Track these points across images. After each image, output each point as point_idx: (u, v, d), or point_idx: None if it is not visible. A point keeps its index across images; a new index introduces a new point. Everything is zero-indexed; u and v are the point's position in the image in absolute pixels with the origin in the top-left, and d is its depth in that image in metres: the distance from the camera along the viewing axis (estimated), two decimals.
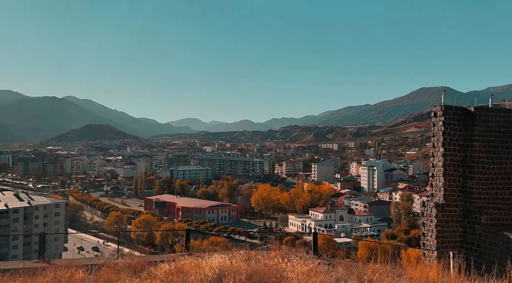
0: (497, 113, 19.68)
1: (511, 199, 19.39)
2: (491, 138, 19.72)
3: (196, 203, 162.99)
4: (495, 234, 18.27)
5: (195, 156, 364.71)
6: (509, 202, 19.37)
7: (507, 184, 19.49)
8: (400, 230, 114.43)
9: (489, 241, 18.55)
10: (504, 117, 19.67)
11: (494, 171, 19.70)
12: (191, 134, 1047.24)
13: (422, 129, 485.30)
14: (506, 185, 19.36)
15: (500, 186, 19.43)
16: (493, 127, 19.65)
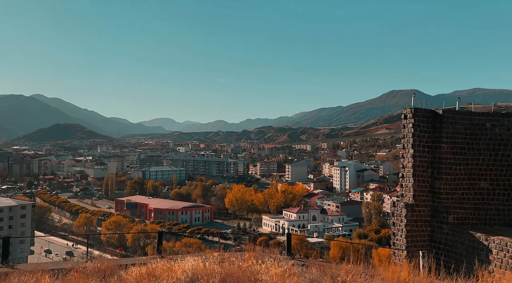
0: (464, 116, 20.38)
1: (476, 199, 20.13)
2: (458, 140, 20.40)
3: (169, 204, 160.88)
4: (461, 233, 18.91)
5: (168, 156, 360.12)
6: (474, 202, 20.09)
7: (473, 184, 20.21)
8: (371, 229, 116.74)
9: (456, 240, 19.19)
10: (470, 119, 20.39)
11: (460, 172, 20.39)
12: (164, 134, 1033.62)
13: (392, 131, 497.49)
14: (471, 185, 20.08)
15: (466, 187, 20.13)
16: (460, 130, 20.35)
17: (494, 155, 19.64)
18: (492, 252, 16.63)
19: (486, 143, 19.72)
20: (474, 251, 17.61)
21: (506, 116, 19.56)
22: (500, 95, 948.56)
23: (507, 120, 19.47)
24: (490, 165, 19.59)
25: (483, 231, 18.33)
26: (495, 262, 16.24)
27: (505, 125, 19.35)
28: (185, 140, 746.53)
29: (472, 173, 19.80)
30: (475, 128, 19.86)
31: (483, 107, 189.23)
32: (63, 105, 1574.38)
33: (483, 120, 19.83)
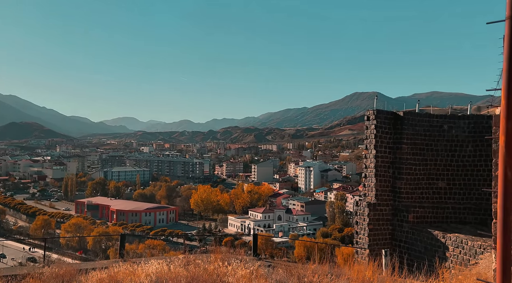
0: (423, 118, 21.18)
1: (435, 198, 20.99)
2: (418, 141, 21.18)
3: (132, 206, 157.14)
4: (421, 231, 19.64)
5: (132, 156, 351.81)
6: (433, 201, 20.94)
7: (431, 184, 21.05)
8: (334, 228, 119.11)
9: (415, 237, 19.91)
10: (429, 121, 21.22)
11: (420, 172, 21.17)
12: (127, 134, 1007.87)
13: (355, 132, 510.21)
14: (430, 185, 20.90)
15: (425, 186, 20.93)
16: (419, 131, 21.14)
17: (451, 155, 20.54)
18: (449, 249, 17.37)
19: (444, 144, 20.60)
20: (433, 248, 18.34)
21: (462, 119, 20.51)
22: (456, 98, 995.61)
23: (463, 122, 20.42)
24: (447, 165, 20.48)
25: (440, 229, 19.13)
26: (451, 259, 16.97)
27: (461, 127, 20.29)
28: (149, 140, 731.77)
29: (430, 173, 20.61)
30: (434, 129, 20.69)
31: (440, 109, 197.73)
32: (19, 102, 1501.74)
33: (441, 122, 20.70)
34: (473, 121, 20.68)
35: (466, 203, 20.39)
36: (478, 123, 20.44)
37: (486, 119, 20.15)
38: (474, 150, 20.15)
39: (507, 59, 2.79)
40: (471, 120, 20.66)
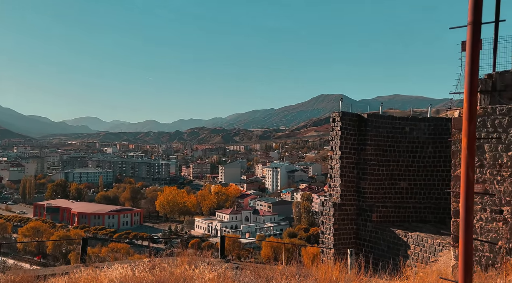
0: (386, 120, 21.82)
1: (397, 198, 21.69)
2: (381, 143, 21.79)
3: (95, 208, 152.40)
4: (384, 230, 20.21)
5: (94, 157, 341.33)
6: (395, 200, 21.63)
7: (394, 184, 21.71)
8: (300, 228, 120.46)
9: (379, 236, 20.46)
10: (391, 123, 21.89)
11: (383, 173, 21.79)
12: (89, 134, 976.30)
13: (321, 133, 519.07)
14: (393, 185, 21.57)
15: (388, 186, 21.56)
16: (383, 133, 21.76)
17: (412, 156, 21.28)
18: (410, 247, 17.97)
19: (405, 146, 21.31)
20: (395, 247, 18.91)
21: (422, 121, 21.32)
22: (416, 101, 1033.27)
23: (423, 124, 21.20)
24: (408, 166, 21.21)
25: (402, 228, 19.76)
26: (412, 256, 17.57)
27: (422, 129, 21.07)
28: (112, 141, 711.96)
29: (393, 174, 21.27)
30: (396, 131, 21.37)
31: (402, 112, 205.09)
32: None
33: (403, 124, 21.41)
34: (433, 123, 21.48)
35: (426, 203, 21.16)
36: (438, 126, 21.25)
37: (445, 122, 21.00)
38: (434, 151, 20.95)
39: (469, 63, 2.90)
40: (431, 123, 21.46)
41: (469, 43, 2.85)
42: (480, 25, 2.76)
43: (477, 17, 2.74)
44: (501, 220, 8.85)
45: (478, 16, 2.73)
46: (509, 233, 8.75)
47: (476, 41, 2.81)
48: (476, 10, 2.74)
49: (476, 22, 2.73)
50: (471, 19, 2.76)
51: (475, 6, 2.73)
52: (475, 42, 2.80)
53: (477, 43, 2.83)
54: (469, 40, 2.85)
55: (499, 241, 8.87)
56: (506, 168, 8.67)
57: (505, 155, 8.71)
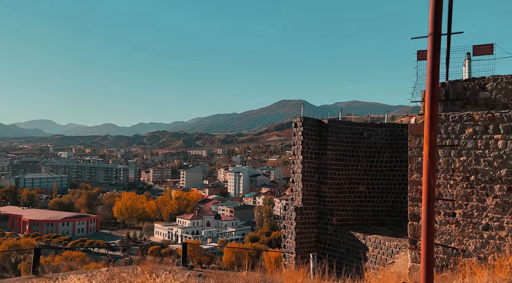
0: (346, 125, 22.37)
1: (356, 201, 22.25)
2: (341, 147, 22.30)
3: (48, 215, 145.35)
4: (343, 233, 20.64)
5: (48, 162, 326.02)
6: (354, 204, 22.18)
7: (353, 188, 22.26)
8: (262, 232, 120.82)
9: (338, 239, 20.87)
10: (350, 129, 22.46)
11: (342, 177, 22.29)
12: (43, 138, 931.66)
13: (283, 138, 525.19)
14: (352, 189, 22.11)
15: (347, 190, 22.06)
16: (342, 138, 22.28)
17: (370, 161, 21.92)
18: (369, 249, 18.45)
19: (364, 151, 21.93)
20: (354, 249, 19.35)
21: (380, 127, 22.04)
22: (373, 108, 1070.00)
23: (381, 130, 21.92)
24: (367, 170, 21.84)
25: (361, 230, 20.26)
26: (371, 259, 18.05)
27: (379, 135, 21.77)
28: (68, 145, 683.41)
29: (352, 178, 21.80)
30: (355, 136, 21.94)
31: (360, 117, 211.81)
32: None
33: (361, 130, 22.02)
34: (389, 129, 22.22)
35: (383, 206, 21.83)
36: (394, 131, 22.02)
37: (401, 128, 21.80)
38: (390, 156, 21.68)
39: (430, 72, 3.00)
40: (388, 128, 22.19)
41: (430, 53, 2.96)
42: (440, 36, 2.87)
43: (437, 28, 2.85)
44: (454, 222, 9.26)
45: (438, 27, 2.84)
46: (461, 235, 9.17)
47: (437, 51, 2.93)
48: (436, 21, 2.85)
49: (436, 33, 2.84)
50: (432, 30, 2.87)
51: (435, 17, 2.84)
52: (435, 52, 2.91)
53: (437, 53, 2.94)
54: (430, 50, 2.95)
55: (452, 243, 9.28)
56: (459, 173, 9.10)
57: (458, 160, 9.14)
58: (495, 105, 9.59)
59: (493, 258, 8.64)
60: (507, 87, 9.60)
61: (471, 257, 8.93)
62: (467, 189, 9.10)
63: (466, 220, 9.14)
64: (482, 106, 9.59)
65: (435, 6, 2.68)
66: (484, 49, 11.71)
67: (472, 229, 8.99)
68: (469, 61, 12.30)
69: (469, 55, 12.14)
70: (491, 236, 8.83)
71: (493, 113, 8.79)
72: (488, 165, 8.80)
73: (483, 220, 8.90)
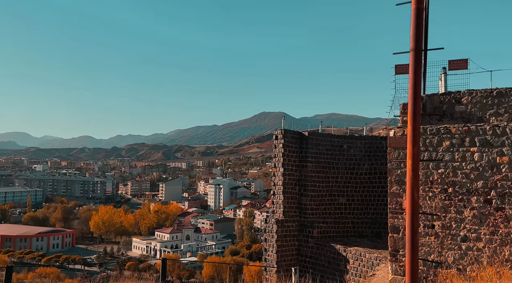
0: (325, 138, 22.55)
1: (336, 213, 22.32)
2: (321, 160, 22.43)
3: (21, 230, 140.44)
4: (324, 245, 20.62)
5: (22, 175, 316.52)
6: (335, 216, 22.24)
7: (333, 200, 22.35)
8: (243, 245, 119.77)
9: (320, 252, 20.83)
10: (330, 141, 22.65)
11: (323, 189, 22.37)
12: (17, 151, 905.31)
13: (263, 150, 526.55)
14: (332, 201, 22.20)
15: (327, 202, 22.13)
16: (322, 150, 22.43)
17: (350, 173, 22.10)
18: (350, 261, 18.46)
19: (344, 163, 22.11)
20: (335, 262, 19.33)
21: (359, 139, 22.32)
22: (352, 120, 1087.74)
23: (360, 142, 22.19)
24: (347, 182, 22.00)
25: (342, 243, 20.29)
26: (351, 271, 18.05)
27: (358, 147, 22.03)
28: (43, 157, 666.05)
29: (332, 190, 21.90)
30: (335, 149, 22.12)
31: (339, 130, 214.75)
32: None
33: (341, 142, 22.24)
34: (368, 141, 22.52)
35: (363, 218, 21.97)
36: (373, 143, 22.32)
37: (380, 140, 22.12)
38: (370, 168, 21.93)
39: (412, 87, 3.03)
40: (367, 141, 22.49)
41: (412, 68, 2.99)
42: (421, 52, 2.91)
43: (418, 44, 2.90)
44: (433, 234, 9.36)
45: (419, 43, 2.89)
46: (440, 246, 9.27)
47: (419, 67, 2.96)
48: (417, 38, 2.90)
49: (417, 49, 2.88)
50: (413, 46, 2.91)
51: (416, 34, 2.89)
52: (417, 67, 2.95)
53: (419, 68, 2.98)
54: (411, 66, 2.99)
55: (431, 255, 9.36)
56: (437, 185, 9.24)
57: (436, 172, 9.28)
58: (470, 118, 9.84)
59: (472, 270, 8.76)
60: (481, 101, 9.88)
61: (451, 268, 9.03)
62: (445, 201, 9.24)
63: (445, 232, 9.26)
64: (459, 119, 9.83)
65: (416, 23, 2.72)
66: (459, 64, 12.13)
67: (451, 240, 9.11)
68: (445, 76, 12.69)
69: (445, 70, 12.52)
70: (469, 247, 8.96)
71: (469, 126, 9.01)
72: (465, 177, 8.98)
73: (461, 231, 9.03)
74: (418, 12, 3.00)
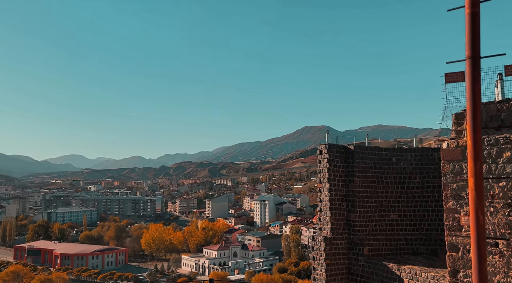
0: (373, 151, 21.80)
1: (387, 230, 21.30)
2: (368, 174, 21.65)
3: (78, 249, 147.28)
4: (376, 264, 19.68)
5: (78, 196, 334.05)
6: (386, 233, 21.22)
7: (383, 216, 21.40)
8: (290, 262, 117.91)
9: (371, 271, 19.89)
10: (378, 154, 21.86)
11: (372, 205, 21.51)
12: (73, 172, 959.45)
13: (307, 165, 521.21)
14: (382, 217, 21.24)
15: (377, 218, 21.23)
16: (370, 164, 21.66)
17: (400, 187, 21.12)
18: (404, 281, 17.47)
19: (393, 177, 21.20)
20: (388, 281, 18.37)
21: (408, 151, 21.35)
22: (399, 131, 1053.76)
23: (410, 155, 21.23)
24: (397, 197, 21.00)
25: (394, 261, 19.27)
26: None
27: (408, 160, 21.05)
28: (97, 178, 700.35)
29: (382, 205, 21.00)
30: (383, 162, 21.30)
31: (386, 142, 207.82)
32: None
33: (389, 155, 21.38)
34: (419, 153, 21.52)
35: (417, 234, 20.84)
36: (424, 156, 21.29)
37: (431, 152, 21.07)
38: (422, 182, 20.87)
39: (470, 98, 2.76)
40: (417, 153, 21.49)
41: (469, 77, 2.74)
42: (479, 59, 2.65)
43: (475, 51, 2.64)
44: (497, 253, 8.61)
45: (476, 50, 2.64)
46: (506, 267, 8.49)
47: (477, 75, 2.70)
48: (474, 44, 2.65)
49: (474, 56, 2.63)
50: (470, 54, 2.66)
51: (473, 40, 2.64)
52: (475, 76, 2.69)
53: (478, 77, 2.71)
54: (469, 75, 2.74)
55: (496, 276, 8.60)
56: (499, 199, 8.54)
57: (496, 186, 8.59)
58: None
59: None
60: None
61: None
62: (509, 217, 8.50)
63: (510, 251, 8.48)
64: None
65: (471, 29, 2.50)
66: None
67: None
68: (502, 82, 11.85)
69: (501, 76, 11.70)
70: None
71: None
72: None
73: None
74: (473, 16, 2.76)
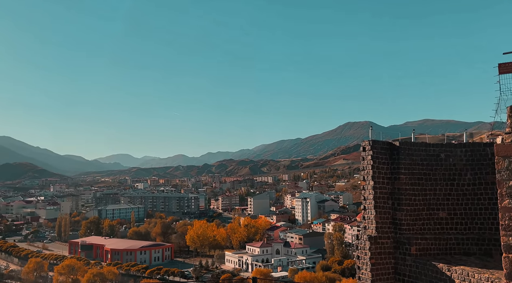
0: (419, 147, 21.02)
1: (436, 229, 20.49)
2: (415, 171, 20.89)
3: (127, 244, 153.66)
4: (424, 264, 19.00)
5: (126, 193, 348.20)
6: (434, 232, 20.42)
7: (432, 214, 20.60)
8: (334, 261, 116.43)
9: (419, 271, 19.23)
10: (425, 150, 21.04)
11: (419, 203, 20.76)
12: (121, 171, 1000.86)
13: (350, 161, 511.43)
14: (431, 215, 20.46)
15: (425, 217, 20.47)
16: (417, 160, 20.90)
17: (450, 184, 20.22)
18: (455, 282, 16.74)
19: (442, 173, 20.32)
20: (438, 282, 17.68)
21: (458, 147, 20.38)
22: (448, 126, 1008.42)
23: (460, 150, 20.25)
24: (447, 194, 20.11)
25: (444, 261, 18.50)
26: None
27: (458, 155, 20.09)
28: (143, 176, 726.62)
29: (430, 203, 20.21)
30: (431, 158, 20.47)
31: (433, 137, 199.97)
32: (13, 143, 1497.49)
33: (438, 151, 20.50)
34: (469, 149, 20.48)
35: (468, 234, 19.86)
36: (475, 151, 20.23)
37: (483, 147, 19.99)
38: (473, 178, 19.85)
39: None
40: (467, 148, 20.47)
41: None
42: None
43: None
44: None
45: None
46: None
47: None
48: None
49: None
50: None
51: None
52: None
53: None
54: None
55: None
56: None
57: None
58: None
59: None
60: None
61: None
62: None
63: None
64: None
65: None
66: None
67: None
68: None
69: None
70: None
71: None
72: None
73: None
74: None
